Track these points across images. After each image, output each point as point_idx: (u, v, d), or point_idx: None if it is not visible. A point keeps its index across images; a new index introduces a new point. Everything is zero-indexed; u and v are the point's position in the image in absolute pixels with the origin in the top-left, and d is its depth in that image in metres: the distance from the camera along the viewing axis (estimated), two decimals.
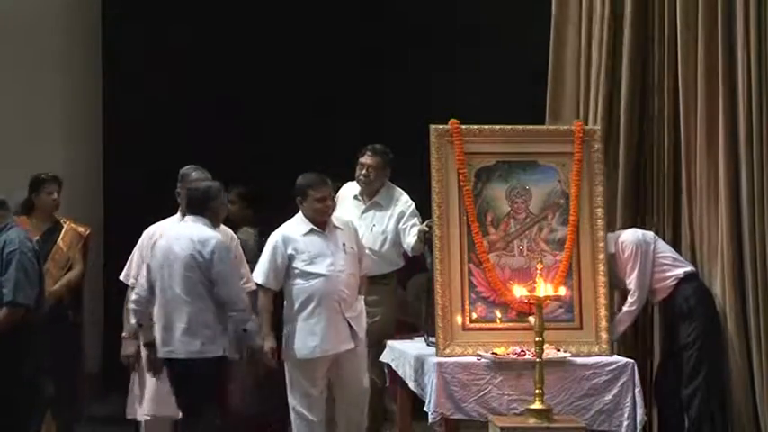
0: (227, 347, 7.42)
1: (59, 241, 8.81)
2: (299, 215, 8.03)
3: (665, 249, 8.30)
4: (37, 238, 8.42)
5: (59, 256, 8.76)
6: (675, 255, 8.33)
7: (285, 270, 7.97)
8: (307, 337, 7.93)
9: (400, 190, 8.71)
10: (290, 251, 7.95)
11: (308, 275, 7.95)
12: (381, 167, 8.63)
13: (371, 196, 8.68)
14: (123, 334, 7.87)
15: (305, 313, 7.94)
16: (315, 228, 7.98)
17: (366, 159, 8.60)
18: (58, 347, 8.40)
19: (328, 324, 7.93)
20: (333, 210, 8.10)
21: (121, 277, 8.04)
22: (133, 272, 7.92)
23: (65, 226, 8.88)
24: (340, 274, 7.97)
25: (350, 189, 8.76)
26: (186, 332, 7.37)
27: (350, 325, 7.98)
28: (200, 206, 7.56)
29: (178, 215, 7.97)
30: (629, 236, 8.27)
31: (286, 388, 8.03)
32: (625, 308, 8.18)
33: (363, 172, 8.62)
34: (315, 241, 7.98)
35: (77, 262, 8.87)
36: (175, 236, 7.53)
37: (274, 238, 8.04)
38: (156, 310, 7.49)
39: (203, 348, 7.37)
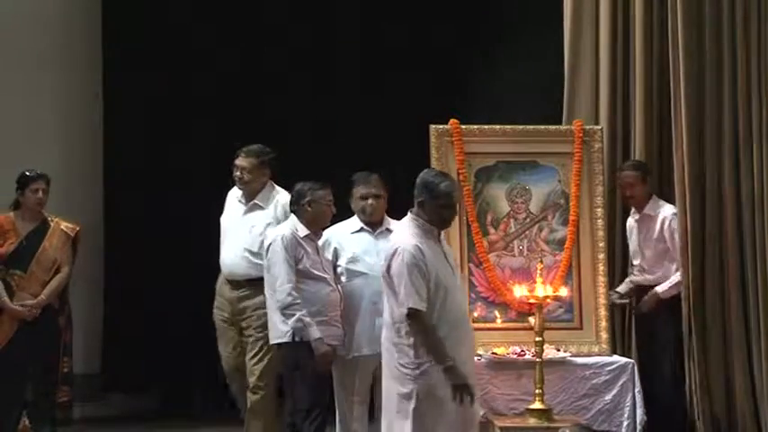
0: None
1: (45, 242, 8.52)
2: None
3: None
4: (21, 239, 8.39)
5: (44, 258, 8.48)
6: None
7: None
8: None
9: (282, 191, 8.38)
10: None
11: (351, 273, 7.79)
12: (256, 168, 8.32)
13: (251, 198, 8.37)
14: None
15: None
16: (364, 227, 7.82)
17: (239, 161, 8.36)
18: (42, 352, 8.34)
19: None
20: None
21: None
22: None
23: (52, 225, 8.60)
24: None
25: (234, 192, 8.50)
26: None
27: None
28: None
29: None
30: (675, 221, 8.14)
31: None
32: (675, 278, 8.07)
33: (237, 174, 8.35)
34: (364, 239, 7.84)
35: (65, 264, 8.57)
36: None
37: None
38: None
39: None
